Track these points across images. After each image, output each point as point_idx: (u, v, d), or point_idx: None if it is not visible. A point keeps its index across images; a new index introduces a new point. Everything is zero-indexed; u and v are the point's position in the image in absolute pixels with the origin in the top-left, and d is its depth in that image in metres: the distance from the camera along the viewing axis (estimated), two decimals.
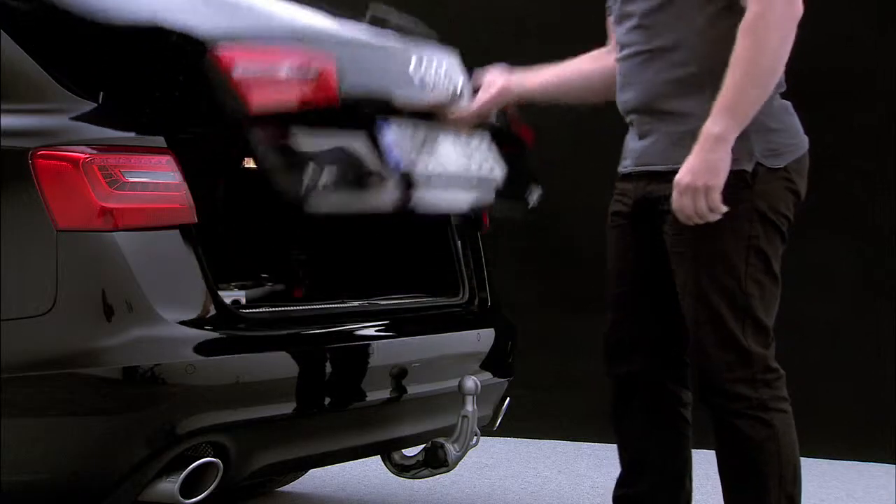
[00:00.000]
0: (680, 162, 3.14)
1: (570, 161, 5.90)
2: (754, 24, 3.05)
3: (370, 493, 4.87)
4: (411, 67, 3.62)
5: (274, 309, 3.55)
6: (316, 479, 4.99)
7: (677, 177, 3.10)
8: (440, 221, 4.10)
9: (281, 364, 3.35)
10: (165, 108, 3.27)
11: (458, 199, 3.81)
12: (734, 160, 3.12)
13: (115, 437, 3.07)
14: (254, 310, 3.45)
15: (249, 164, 4.63)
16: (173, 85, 3.24)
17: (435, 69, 3.67)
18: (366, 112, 3.47)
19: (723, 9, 3.17)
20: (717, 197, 3.07)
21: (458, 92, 3.69)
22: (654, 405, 3.43)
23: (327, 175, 3.28)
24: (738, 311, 3.19)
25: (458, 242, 4.12)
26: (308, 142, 3.29)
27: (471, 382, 3.74)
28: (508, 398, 4.19)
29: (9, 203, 3.09)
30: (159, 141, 3.20)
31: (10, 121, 3.15)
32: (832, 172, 5.81)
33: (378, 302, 3.85)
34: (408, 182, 3.49)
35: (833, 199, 5.80)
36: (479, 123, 3.74)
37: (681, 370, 3.43)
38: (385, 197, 3.46)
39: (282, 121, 3.25)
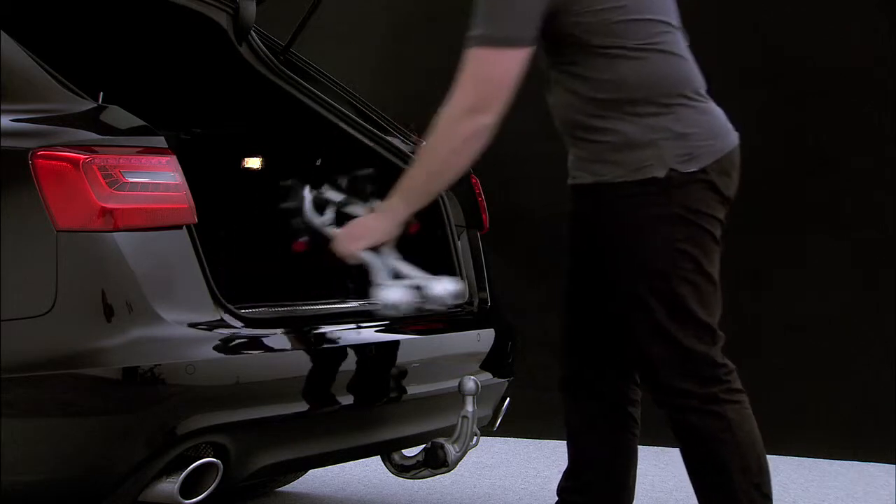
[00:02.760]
0: (602, 174, 3.26)
1: None
2: (439, 120, 3.26)
3: (370, 493, 4.87)
4: None
5: (274, 309, 3.55)
6: (316, 479, 5.00)
7: (344, 227, 3.46)
8: (440, 221, 4.11)
9: (281, 364, 3.35)
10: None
11: None
12: (645, 168, 3.23)
13: (115, 438, 3.06)
14: (254, 310, 3.45)
15: (249, 163, 4.64)
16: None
17: None
18: None
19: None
20: (356, 248, 3.42)
21: None
22: (599, 402, 3.52)
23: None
24: (674, 313, 3.25)
25: (458, 243, 4.12)
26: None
27: (471, 383, 3.74)
28: (508, 398, 4.19)
29: (9, 203, 3.09)
30: (159, 141, 3.20)
31: (10, 121, 3.15)
32: (832, 172, 5.81)
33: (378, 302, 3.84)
34: None
35: (833, 198, 5.80)
36: None
37: (629, 367, 3.50)
38: None
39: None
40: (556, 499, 3.59)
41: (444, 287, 3.43)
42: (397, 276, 3.46)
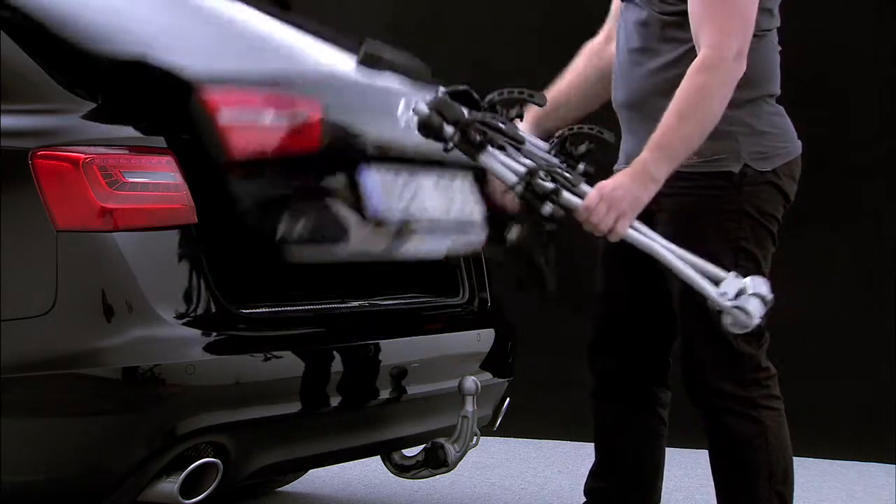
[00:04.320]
0: None
1: None
2: (706, 66, 3.09)
3: (370, 493, 4.87)
4: (399, 110, 3.52)
5: (274, 309, 3.55)
6: (316, 479, 4.99)
7: (603, 183, 3.10)
8: None
9: (281, 364, 3.35)
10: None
11: (440, 245, 3.81)
12: (720, 160, 3.17)
13: (115, 438, 3.07)
14: (254, 310, 3.45)
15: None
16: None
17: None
18: (350, 157, 3.51)
19: None
20: (625, 224, 3.09)
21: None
22: (631, 403, 3.48)
23: (306, 222, 3.37)
24: None
25: None
26: (287, 188, 3.37)
27: (471, 382, 3.74)
28: (508, 398, 4.19)
29: (9, 203, 3.09)
30: (159, 141, 3.20)
31: (10, 121, 3.15)
32: (832, 170, 5.81)
33: (378, 302, 3.84)
34: (390, 228, 3.52)
35: (832, 197, 5.80)
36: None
37: (662, 369, 3.48)
38: (367, 242, 3.51)
39: (261, 167, 3.30)
40: (584, 499, 3.55)
41: (766, 286, 3.11)
42: (698, 269, 3.11)
